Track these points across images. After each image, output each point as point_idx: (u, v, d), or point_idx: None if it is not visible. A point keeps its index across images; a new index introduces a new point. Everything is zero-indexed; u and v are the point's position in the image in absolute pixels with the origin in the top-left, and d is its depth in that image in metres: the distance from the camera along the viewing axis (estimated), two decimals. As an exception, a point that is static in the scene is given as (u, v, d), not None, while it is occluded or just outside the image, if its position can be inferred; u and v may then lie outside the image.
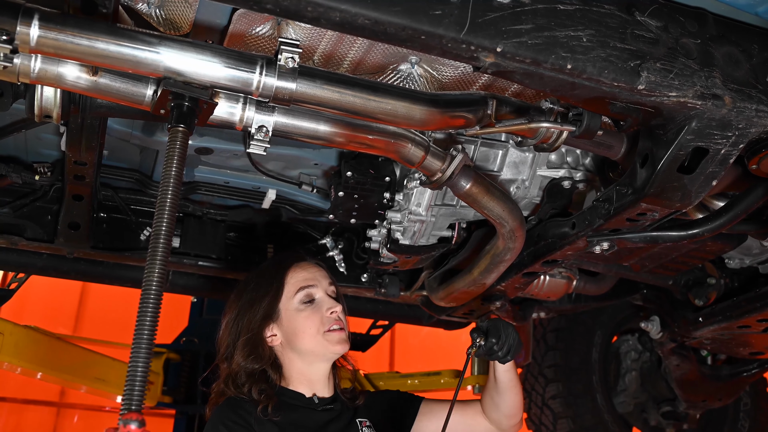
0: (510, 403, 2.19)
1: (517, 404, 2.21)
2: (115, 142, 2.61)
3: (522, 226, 2.29)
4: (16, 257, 3.02)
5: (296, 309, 2.13)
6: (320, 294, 2.16)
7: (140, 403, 1.41)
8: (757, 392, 4.29)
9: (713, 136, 1.75)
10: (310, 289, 2.15)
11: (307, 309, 2.13)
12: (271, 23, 1.95)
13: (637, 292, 3.31)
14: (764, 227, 2.41)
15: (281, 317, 2.13)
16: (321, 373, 2.14)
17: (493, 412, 2.22)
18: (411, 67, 2.08)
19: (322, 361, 2.14)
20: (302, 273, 2.19)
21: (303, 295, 2.14)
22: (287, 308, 2.14)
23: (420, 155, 2.05)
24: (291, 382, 2.12)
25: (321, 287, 2.17)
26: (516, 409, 2.22)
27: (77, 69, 1.70)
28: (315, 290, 2.16)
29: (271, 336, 2.13)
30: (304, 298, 2.14)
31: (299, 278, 2.17)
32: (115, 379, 4.46)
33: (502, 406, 2.20)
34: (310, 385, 2.13)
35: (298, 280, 2.17)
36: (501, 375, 2.15)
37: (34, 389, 7.89)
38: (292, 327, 2.12)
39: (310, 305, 2.14)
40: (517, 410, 2.22)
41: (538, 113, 1.95)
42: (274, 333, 2.13)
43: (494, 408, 2.21)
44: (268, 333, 2.13)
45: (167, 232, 1.55)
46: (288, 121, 1.89)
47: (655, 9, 1.68)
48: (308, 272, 2.19)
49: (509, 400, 2.19)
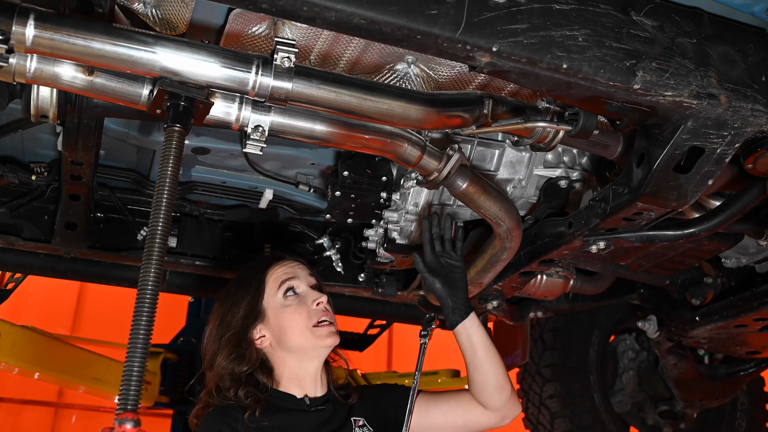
0: (492, 372, 2.13)
1: (500, 372, 2.15)
2: (111, 142, 2.61)
3: (519, 226, 2.29)
4: (13, 257, 3.01)
5: (281, 305, 2.10)
6: (303, 287, 2.14)
7: (136, 403, 1.40)
8: (754, 391, 4.29)
9: (709, 136, 1.75)
10: (291, 281, 2.13)
11: (292, 303, 2.10)
12: (268, 23, 1.95)
13: (634, 292, 3.32)
14: (760, 226, 2.42)
15: (267, 316, 2.10)
16: (313, 371, 2.11)
17: (483, 392, 2.16)
18: (407, 67, 2.09)
19: (313, 358, 2.11)
20: (281, 268, 2.16)
21: (285, 289, 2.12)
22: (272, 306, 2.11)
23: (416, 155, 2.05)
24: (282, 384, 2.09)
25: (302, 280, 2.15)
26: (502, 377, 2.15)
27: (73, 69, 1.70)
28: (297, 282, 2.13)
29: (260, 338, 2.10)
30: (288, 292, 2.11)
31: (279, 273, 2.15)
32: (113, 379, 4.46)
33: (486, 378, 2.14)
34: (302, 385, 2.09)
35: (277, 275, 2.14)
36: (463, 340, 2.13)
37: (31, 389, 7.89)
38: (279, 324, 2.09)
39: (295, 299, 2.11)
40: (504, 379, 2.16)
41: (534, 113, 1.95)
42: (262, 334, 2.10)
43: (481, 387, 2.15)
44: (257, 335, 2.10)
45: (163, 231, 1.55)
46: (284, 120, 1.89)
47: (651, 8, 1.68)
48: (287, 267, 2.17)
49: (489, 370, 2.13)
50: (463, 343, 2.15)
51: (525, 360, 4.06)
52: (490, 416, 2.19)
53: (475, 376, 2.16)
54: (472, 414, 2.19)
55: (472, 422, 2.20)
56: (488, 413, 2.19)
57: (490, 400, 2.17)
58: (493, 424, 2.21)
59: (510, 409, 2.20)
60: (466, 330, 2.13)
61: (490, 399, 2.17)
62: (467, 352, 2.15)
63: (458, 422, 2.20)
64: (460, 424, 2.20)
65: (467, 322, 2.13)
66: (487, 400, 2.17)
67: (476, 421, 2.20)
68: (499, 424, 2.22)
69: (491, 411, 2.19)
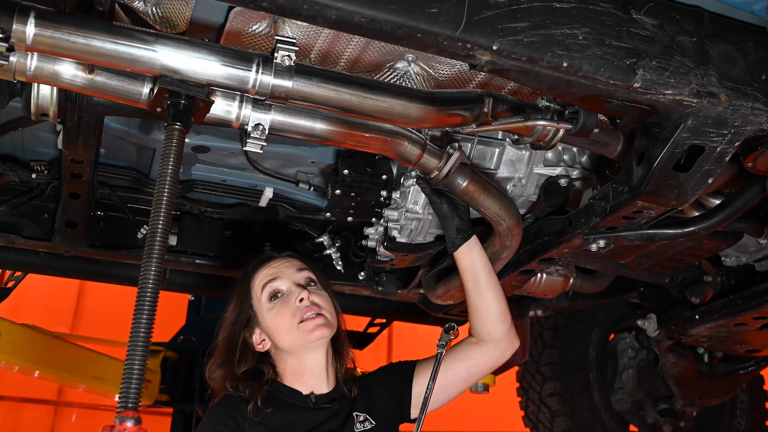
0: (494, 298, 2.15)
1: (501, 299, 2.16)
2: (112, 140, 2.61)
3: (519, 224, 2.30)
4: (13, 255, 3.02)
5: (267, 308, 2.11)
6: (286, 285, 2.12)
7: (137, 401, 1.41)
8: (753, 390, 4.30)
9: (709, 134, 1.75)
10: (273, 283, 2.12)
11: (275, 305, 2.10)
12: (268, 21, 1.96)
13: (633, 290, 3.32)
14: (760, 225, 2.42)
15: (260, 320, 2.12)
16: (316, 366, 2.10)
17: (485, 322, 2.16)
18: (408, 65, 2.09)
19: (309, 352, 2.09)
20: (265, 270, 2.16)
21: (268, 292, 2.11)
22: (261, 310, 2.12)
23: (417, 153, 2.05)
24: (287, 380, 2.11)
25: (286, 278, 2.13)
26: (503, 305, 2.16)
27: (74, 67, 1.70)
28: (279, 283, 2.12)
29: (261, 342, 2.12)
30: (270, 295, 2.11)
31: (262, 276, 2.14)
32: (113, 378, 4.46)
33: (488, 304, 2.15)
34: (307, 382, 2.09)
35: (261, 279, 2.14)
36: (466, 263, 2.15)
37: (31, 388, 7.88)
38: (268, 327, 2.10)
39: (278, 300, 2.10)
40: (505, 308, 2.17)
41: (534, 111, 1.96)
42: (262, 338, 2.12)
43: (484, 314, 2.16)
44: (258, 339, 2.12)
45: (164, 230, 1.55)
46: (284, 119, 1.89)
47: (651, 7, 1.68)
48: (271, 268, 2.16)
49: (492, 296, 2.15)
50: (466, 266, 2.16)
51: (525, 358, 4.06)
52: (491, 353, 2.19)
53: (478, 302, 2.17)
54: (473, 360, 2.20)
55: (474, 368, 2.20)
56: (488, 350, 2.19)
57: (493, 330, 2.17)
58: (495, 362, 2.21)
59: (510, 342, 2.20)
60: (469, 251, 2.15)
61: (493, 329, 2.17)
62: (468, 276, 2.17)
63: (461, 374, 2.19)
64: (462, 375, 2.20)
65: (471, 243, 2.16)
66: (489, 331, 2.17)
67: (477, 365, 2.20)
68: (499, 360, 2.21)
69: (492, 345, 2.19)
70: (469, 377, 2.21)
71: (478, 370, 2.22)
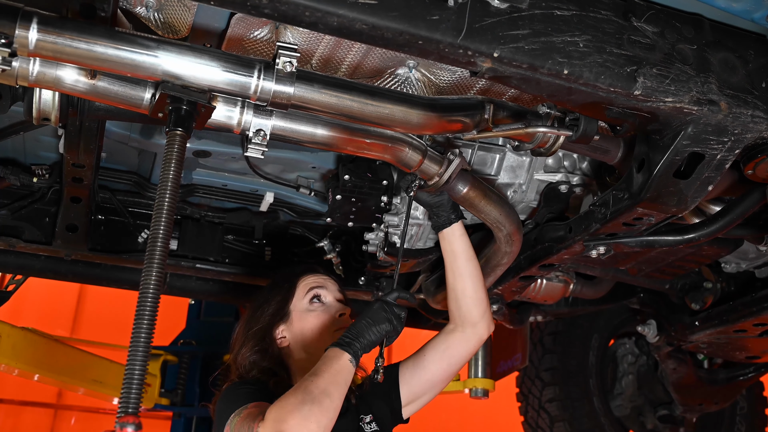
0: (471, 281, 2.23)
1: (479, 284, 2.24)
2: (113, 145, 2.62)
3: (519, 230, 2.30)
4: (13, 259, 3.02)
5: (306, 309, 2.23)
6: (330, 298, 2.27)
7: (137, 406, 1.41)
8: (753, 396, 4.29)
9: (709, 142, 1.76)
10: (319, 290, 2.26)
11: (317, 309, 2.23)
12: (269, 27, 1.96)
13: (633, 296, 3.31)
14: (760, 232, 2.42)
15: (291, 318, 2.22)
16: None
17: (461, 304, 2.24)
18: (408, 72, 2.09)
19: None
20: (313, 277, 2.31)
21: (312, 295, 2.24)
22: (297, 309, 2.23)
23: (417, 159, 2.05)
24: (298, 380, 2.11)
25: (330, 292, 2.28)
26: (480, 290, 2.24)
27: (75, 72, 1.70)
28: (325, 292, 2.27)
29: (280, 338, 2.21)
30: (314, 299, 2.24)
31: (310, 281, 2.29)
32: (113, 381, 4.46)
33: (465, 286, 2.23)
34: None
35: (308, 282, 2.28)
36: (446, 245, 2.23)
37: (31, 391, 7.88)
38: (301, 326, 2.20)
39: (320, 305, 2.24)
40: (483, 293, 2.25)
41: (535, 118, 1.96)
42: (283, 335, 2.21)
43: (461, 295, 2.24)
44: (279, 334, 2.21)
45: (165, 234, 1.56)
46: (286, 124, 1.90)
47: (652, 15, 1.68)
48: (319, 277, 2.31)
49: (469, 279, 2.23)
50: (446, 248, 2.25)
51: (524, 364, 4.06)
52: (468, 338, 2.26)
53: (454, 284, 2.25)
54: (452, 349, 2.25)
55: (455, 357, 2.25)
56: (466, 335, 2.25)
57: (468, 313, 2.24)
58: (473, 346, 2.28)
59: (486, 326, 2.27)
60: (453, 232, 2.23)
61: (468, 312, 2.24)
62: (448, 258, 2.25)
63: (442, 365, 2.25)
64: (444, 366, 2.25)
65: (454, 226, 2.23)
66: (464, 314, 2.24)
67: (457, 353, 2.25)
68: (477, 344, 2.28)
69: (469, 328, 2.25)
70: (450, 367, 2.26)
71: (458, 358, 2.27)
